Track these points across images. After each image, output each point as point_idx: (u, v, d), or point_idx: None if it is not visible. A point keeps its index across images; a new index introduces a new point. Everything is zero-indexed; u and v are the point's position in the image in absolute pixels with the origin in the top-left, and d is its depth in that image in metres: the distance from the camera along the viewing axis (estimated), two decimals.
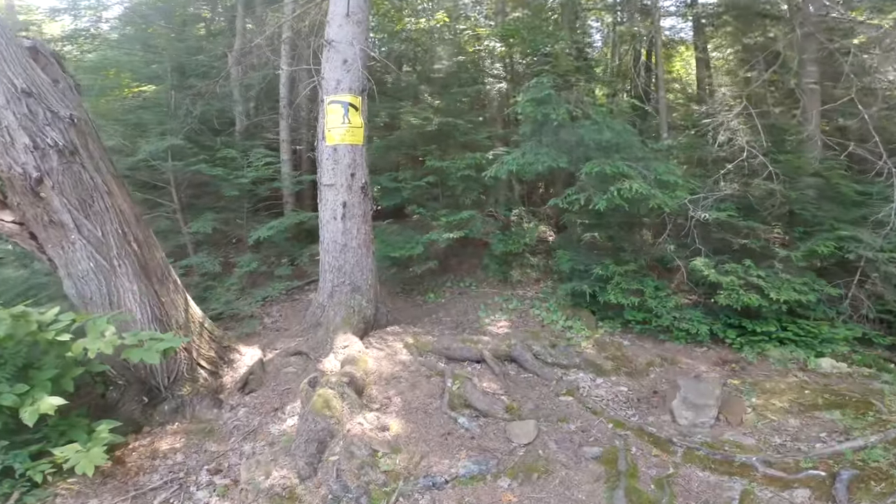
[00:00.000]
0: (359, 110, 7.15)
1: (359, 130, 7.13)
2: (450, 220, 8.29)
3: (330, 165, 7.10)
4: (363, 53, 7.22)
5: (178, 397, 5.46)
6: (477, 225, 8.57)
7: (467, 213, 8.38)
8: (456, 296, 9.32)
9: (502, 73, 9.80)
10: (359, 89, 7.16)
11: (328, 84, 7.16)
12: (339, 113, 7.04)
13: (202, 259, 9.38)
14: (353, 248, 7.19)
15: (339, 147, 7.06)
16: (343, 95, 7.07)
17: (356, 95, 7.12)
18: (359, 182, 7.17)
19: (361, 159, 7.21)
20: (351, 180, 7.10)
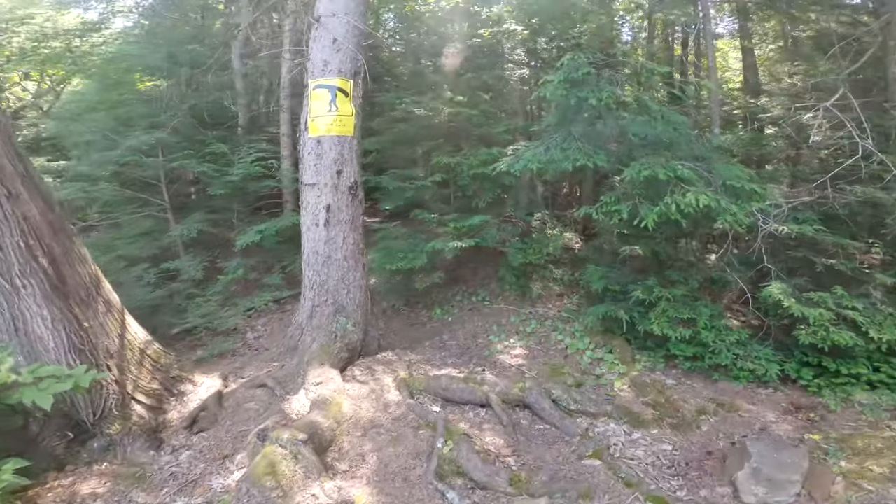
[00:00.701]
0: (349, 96, 5.85)
1: (348, 119, 5.83)
2: (459, 226, 6.92)
3: (312, 161, 5.82)
4: (357, 30, 5.92)
5: (106, 435, 4.57)
6: (491, 232, 7.18)
7: (479, 218, 6.98)
8: (466, 312, 7.93)
9: (524, 59, 8.40)
10: (350, 71, 5.86)
11: (314, 66, 5.88)
12: (326, 99, 5.76)
13: (185, 263, 8.26)
14: (338, 261, 5.90)
15: (323, 139, 5.77)
16: (330, 79, 5.78)
17: (346, 79, 5.82)
18: (346, 180, 5.87)
19: (351, 154, 5.90)
20: (337, 179, 5.81)
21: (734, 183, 5.17)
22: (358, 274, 6.00)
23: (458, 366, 6.54)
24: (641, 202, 5.30)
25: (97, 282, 4.91)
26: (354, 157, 5.91)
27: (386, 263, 6.97)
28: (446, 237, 6.96)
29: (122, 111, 9.18)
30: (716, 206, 4.88)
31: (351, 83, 5.84)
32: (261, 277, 8.30)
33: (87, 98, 11.35)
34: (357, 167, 5.95)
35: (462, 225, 6.87)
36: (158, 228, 8.99)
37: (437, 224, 7.31)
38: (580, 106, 5.79)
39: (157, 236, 8.82)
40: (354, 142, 5.92)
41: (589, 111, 5.70)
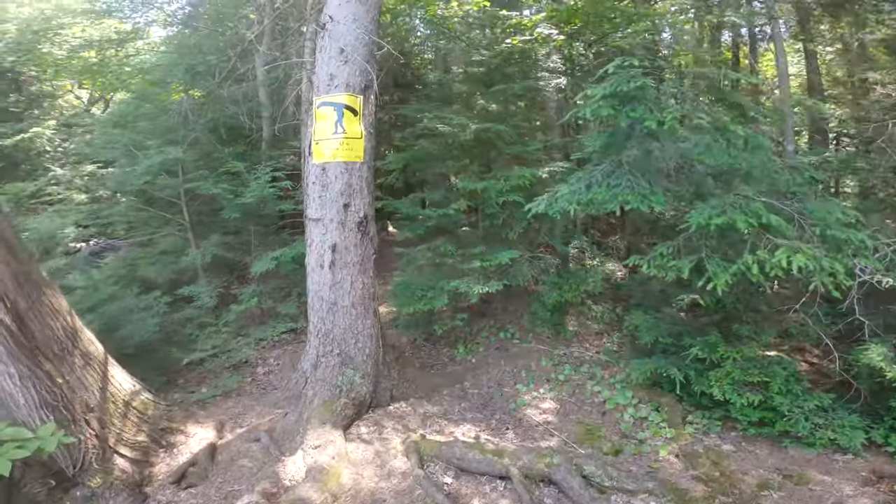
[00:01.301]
0: (358, 115, 4.74)
1: (357, 143, 4.72)
2: (486, 264, 5.72)
3: (317, 192, 4.76)
4: (367, 39, 4.82)
5: (88, 486, 4.13)
6: (522, 269, 5.98)
7: (508, 255, 5.79)
8: (492, 351, 6.74)
9: (560, 66, 7.10)
10: (359, 86, 4.77)
11: (319, 80, 4.83)
12: (331, 119, 4.68)
13: (198, 289, 7.35)
14: (345, 308, 4.83)
15: (328, 166, 4.71)
16: (336, 95, 4.69)
17: (355, 94, 4.73)
18: (355, 216, 4.78)
19: (361, 184, 4.81)
20: (344, 213, 4.73)
21: (836, 232, 3.77)
22: (368, 322, 4.92)
23: (479, 421, 5.44)
24: (710, 256, 3.95)
25: (74, 334, 4.29)
26: (365, 186, 4.81)
27: (404, 305, 5.87)
28: (471, 275, 5.75)
29: (145, 125, 8.38)
30: (815, 267, 3.50)
31: (360, 100, 4.74)
32: (276, 306, 7.32)
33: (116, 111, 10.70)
34: (369, 198, 4.86)
35: (490, 263, 5.69)
36: (178, 248, 8.14)
37: (460, 258, 6.11)
38: (631, 128, 4.47)
39: (176, 257, 7.96)
40: (365, 168, 4.81)
41: (642, 135, 4.38)
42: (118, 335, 6.18)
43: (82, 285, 6.84)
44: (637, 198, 3.87)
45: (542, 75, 7.06)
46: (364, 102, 4.81)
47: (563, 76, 7.12)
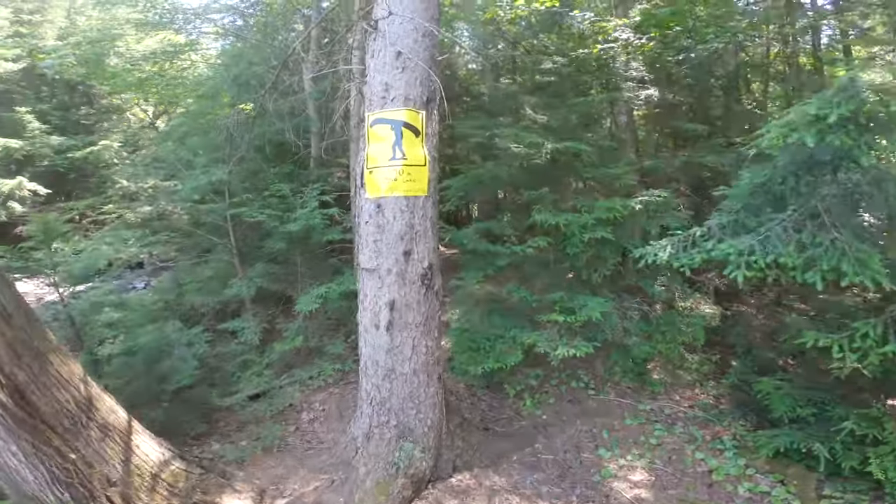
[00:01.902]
0: (421, 135, 3.62)
1: (420, 172, 3.59)
2: (569, 318, 4.47)
3: (370, 235, 3.65)
4: (429, 39, 3.70)
5: None
6: (612, 321, 4.71)
7: (599, 306, 4.52)
8: (564, 405, 5.49)
9: (645, 74, 5.74)
10: (421, 99, 3.64)
11: (372, 92, 3.72)
12: (388, 141, 3.56)
13: (242, 324, 6.41)
14: (405, 375, 3.71)
15: (385, 203, 3.59)
16: (393, 110, 3.58)
17: (416, 110, 3.61)
18: (418, 265, 3.65)
19: (426, 224, 3.67)
20: (405, 263, 3.61)
21: None
22: (431, 389, 3.79)
23: (557, 497, 4.28)
24: None
25: (88, 405, 3.57)
26: (430, 227, 3.67)
27: (468, 362, 4.71)
28: (550, 329, 4.52)
29: (195, 142, 7.56)
30: None
31: (422, 116, 3.61)
32: (323, 344, 6.30)
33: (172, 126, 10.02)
34: (434, 241, 3.72)
35: (574, 317, 4.44)
36: (226, 274, 7.25)
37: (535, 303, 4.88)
38: (834, 166, 3.06)
39: (222, 284, 7.07)
40: (430, 205, 3.67)
41: (844, 170, 2.97)
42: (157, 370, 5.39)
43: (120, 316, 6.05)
44: (853, 266, 2.51)
45: (628, 85, 5.72)
46: (427, 119, 3.69)
47: (651, 86, 5.76)
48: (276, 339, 6.95)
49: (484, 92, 10.04)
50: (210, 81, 8.02)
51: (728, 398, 5.43)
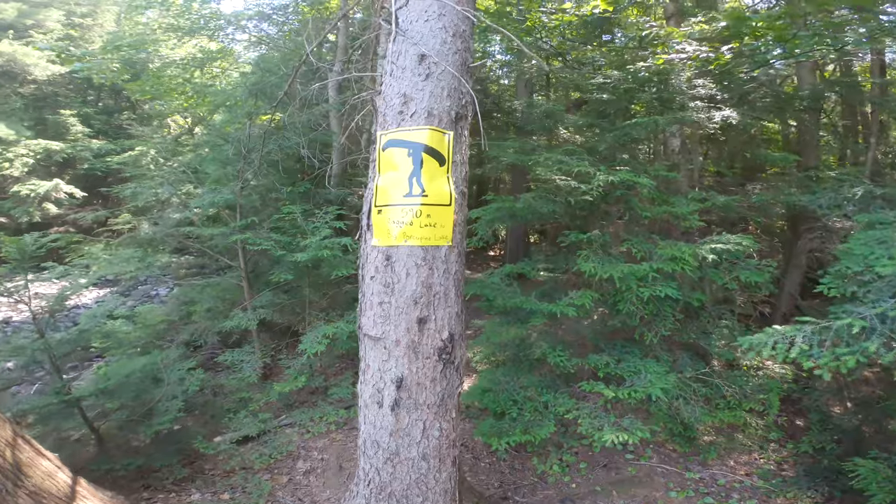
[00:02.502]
0: (447, 164, 2.54)
1: (444, 214, 2.49)
2: (621, 396, 3.30)
3: (376, 293, 2.57)
4: (464, 42, 2.61)
5: None
6: (670, 390, 3.51)
7: (659, 382, 3.34)
8: (597, 471, 4.30)
9: (716, 92, 4.54)
10: (448, 116, 2.57)
11: (386, 105, 2.66)
12: (403, 170, 2.49)
13: (241, 357, 5.43)
14: (412, 460, 2.60)
15: (396, 253, 2.50)
16: (413, 130, 2.51)
17: (442, 130, 2.52)
18: (436, 336, 2.55)
19: (447, 283, 2.57)
20: (418, 332, 2.51)
21: None
22: (444, 475, 2.68)
23: None
24: None
25: (16, 472, 2.74)
26: (453, 287, 2.58)
27: (490, 434, 3.56)
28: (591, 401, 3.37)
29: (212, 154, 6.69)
30: None
31: (449, 138, 2.53)
32: (328, 384, 5.27)
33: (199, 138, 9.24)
34: (458, 305, 2.62)
35: (628, 393, 3.27)
36: (233, 295, 6.32)
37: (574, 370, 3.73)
38: None
39: (228, 307, 6.13)
40: (454, 257, 2.57)
41: None
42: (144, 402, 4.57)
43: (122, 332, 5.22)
44: None
45: (696, 105, 4.53)
46: (455, 142, 2.60)
47: (727, 107, 4.55)
48: (278, 375, 5.97)
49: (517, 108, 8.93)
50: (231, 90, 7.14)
51: (793, 464, 4.24)
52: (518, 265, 4.34)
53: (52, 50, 13.72)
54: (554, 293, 4.16)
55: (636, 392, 3.36)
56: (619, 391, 3.45)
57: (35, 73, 14.30)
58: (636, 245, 3.98)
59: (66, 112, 15.16)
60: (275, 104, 4.90)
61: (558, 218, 4.02)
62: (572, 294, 3.70)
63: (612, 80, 4.63)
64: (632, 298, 3.61)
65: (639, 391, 3.39)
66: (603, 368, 3.76)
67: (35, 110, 15.20)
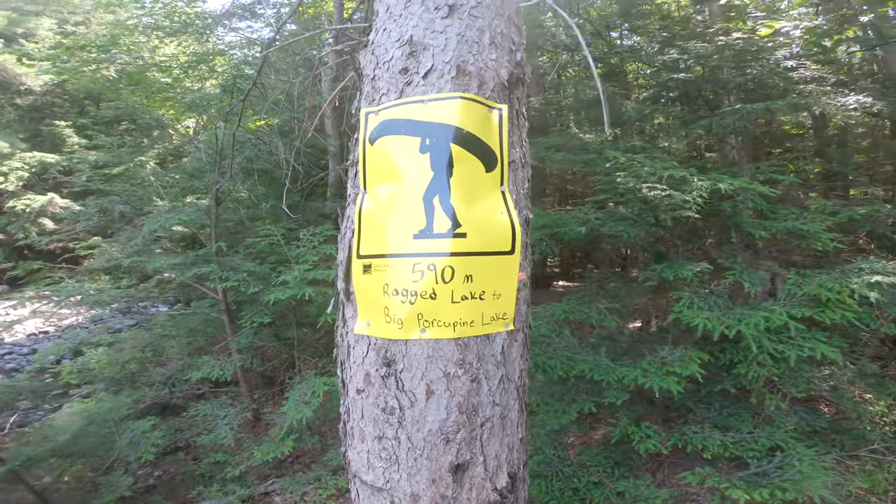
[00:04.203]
0: (501, 166, 1.20)
1: (502, 269, 1.16)
2: (758, 496, 1.99)
3: (372, 421, 1.24)
4: None
5: None
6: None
7: (816, 471, 2.01)
8: None
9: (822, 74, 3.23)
10: (498, 75, 1.23)
11: (380, 62, 1.33)
12: (414, 181, 1.15)
13: (216, 411, 4.17)
14: None
15: (405, 354, 1.15)
16: (428, 101, 1.18)
17: (487, 101, 1.19)
18: (484, 486, 1.22)
19: (507, 400, 1.22)
20: (453, 484, 1.18)
21: None
22: None
23: None
24: None
25: None
26: (517, 401, 1.24)
27: None
28: None
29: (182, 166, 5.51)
30: None
31: (502, 115, 1.18)
32: (326, 445, 3.98)
33: None
34: (523, 428, 1.27)
35: (769, 492, 1.94)
36: (212, 327, 5.08)
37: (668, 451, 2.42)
38: None
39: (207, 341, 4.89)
40: (517, 348, 1.22)
41: None
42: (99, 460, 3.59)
43: None
44: None
45: (808, 88, 3.18)
46: (511, 125, 1.29)
47: (861, 93, 3.20)
48: (263, 431, 4.70)
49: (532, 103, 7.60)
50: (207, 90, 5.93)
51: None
52: (571, 305, 3.01)
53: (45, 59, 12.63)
54: (620, 343, 2.86)
55: (784, 491, 2.03)
56: (753, 491, 2.12)
57: (28, 83, 13.23)
58: (746, 276, 2.64)
59: (62, 123, 14.07)
60: (242, 98, 3.63)
61: (634, 242, 2.71)
62: (667, 353, 2.37)
63: (692, 55, 3.28)
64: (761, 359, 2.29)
65: (787, 489, 2.06)
66: (712, 448, 2.44)
67: (31, 122, 14.15)
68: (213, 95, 6.15)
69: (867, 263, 2.64)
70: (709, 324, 2.20)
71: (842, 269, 2.66)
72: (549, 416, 2.91)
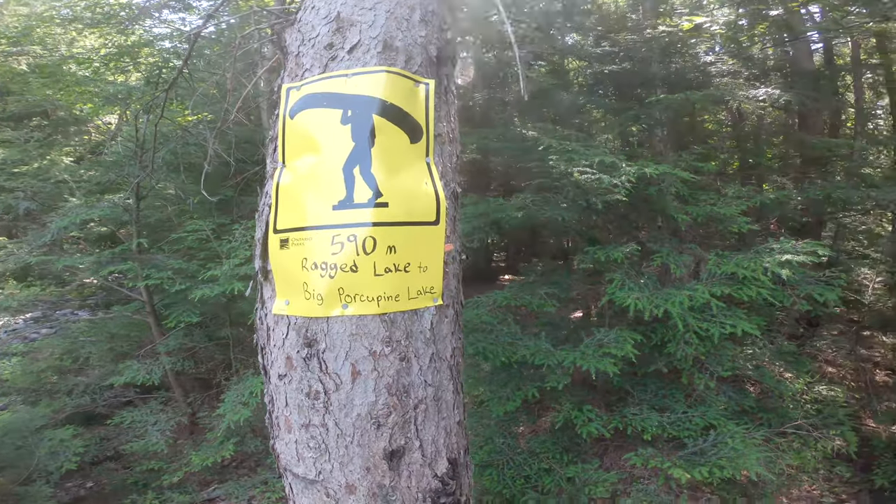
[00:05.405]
0: (427, 138, 1.18)
1: (427, 240, 1.13)
2: (697, 476, 2.11)
3: (296, 408, 1.18)
4: None
5: None
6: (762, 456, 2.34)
7: (748, 447, 2.17)
8: None
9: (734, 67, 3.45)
10: (427, 51, 1.21)
11: (305, 38, 1.27)
12: (334, 152, 1.10)
13: (144, 418, 3.89)
14: None
15: (326, 332, 1.10)
16: (353, 75, 1.13)
17: (414, 75, 1.16)
18: (424, 473, 1.19)
19: (441, 378, 1.20)
20: (390, 472, 1.15)
21: None
22: None
23: None
24: None
25: None
26: (451, 381, 1.21)
27: None
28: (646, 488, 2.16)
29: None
30: None
31: (428, 90, 1.16)
32: (269, 451, 3.83)
33: None
34: (460, 410, 1.24)
35: (707, 470, 2.06)
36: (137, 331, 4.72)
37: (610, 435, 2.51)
38: None
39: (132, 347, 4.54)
40: (448, 324, 1.19)
41: None
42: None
43: None
44: None
45: (717, 80, 3.39)
46: (438, 100, 1.27)
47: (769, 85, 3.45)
48: (200, 435, 4.44)
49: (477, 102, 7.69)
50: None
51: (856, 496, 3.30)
52: (512, 292, 3.05)
53: None
54: (562, 329, 2.93)
55: (722, 469, 2.16)
56: (693, 469, 2.23)
57: None
58: (672, 258, 2.79)
59: None
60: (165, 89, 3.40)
61: (568, 227, 2.79)
62: (603, 335, 2.45)
63: (622, 47, 3.43)
64: (688, 337, 2.42)
65: (724, 466, 2.19)
66: (651, 429, 2.55)
67: None
68: (137, 88, 5.73)
69: (778, 244, 2.86)
70: (639, 304, 2.30)
71: (756, 249, 2.87)
72: (494, 403, 2.93)
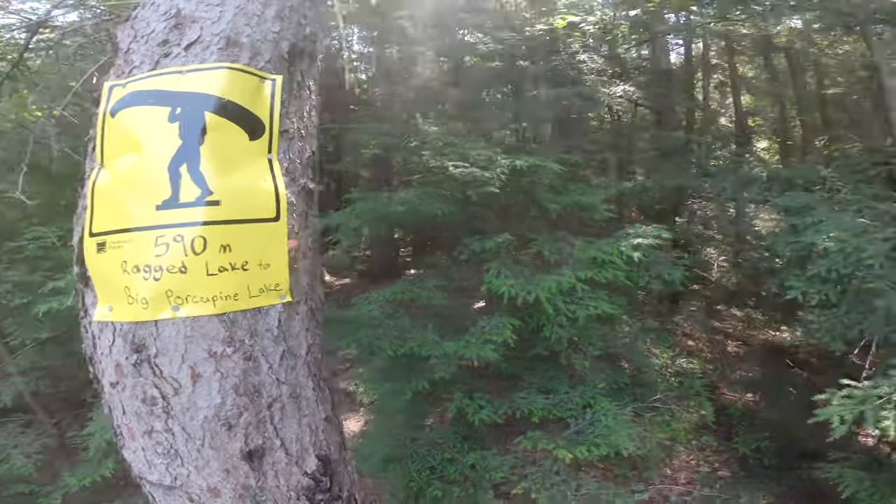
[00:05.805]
0: (268, 135, 1.17)
1: (267, 237, 1.13)
2: (579, 455, 2.33)
3: (135, 415, 1.12)
4: None
5: None
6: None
7: (619, 424, 2.47)
8: None
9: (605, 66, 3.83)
10: (278, 46, 1.21)
11: (138, 35, 1.20)
12: (157, 151, 1.05)
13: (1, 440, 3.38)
14: None
15: (156, 338, 1.05)
16: (187, 72, 1.10)
17: (257, 69, 1.15)
18: (292, 471, 1.18)
19: (296, 376, 1.20)
20: (253, 472, 1.13)
21: None
22: None
23: None
24: None
25: None
26: (310, 378, 1.23)
27: None
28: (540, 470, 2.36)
29: None
30: None
31: (274, 87, 1.16)
32: None
33: None
34: (326, 406, 1.27)
35: (587, 448, 2.32)
36: None
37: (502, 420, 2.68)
38: None
39: None
40: (300, 321, 1.21)
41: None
42: None
43: None
44: None
45: (589, 78, 3.72)
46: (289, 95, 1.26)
47: (627, 83, 3.83)
48: (72, 456, 3.97)
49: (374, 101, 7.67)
50: None
51: (726, 464, 3.89)
52: (401, 286, 3.12)
53: None
54: (455, 321, 3.06)
55: (598, 447, 2.40)
56: (575, 449, 2.46)
57: None
58: (546, 246, 3.04)
59: None
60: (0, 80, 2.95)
61: (449, 219, 2.91)
62: (485, 323, 2.60)
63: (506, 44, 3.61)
64: (560, 320, 2.65)
65: (600, 444, 2.44)
66: (538, 412, 2.76)
67: None
68: None
69: (633, 229, 3.23)
70: (512, 290, 2.48)
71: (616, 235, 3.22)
72: (387, 398, 2.97)
